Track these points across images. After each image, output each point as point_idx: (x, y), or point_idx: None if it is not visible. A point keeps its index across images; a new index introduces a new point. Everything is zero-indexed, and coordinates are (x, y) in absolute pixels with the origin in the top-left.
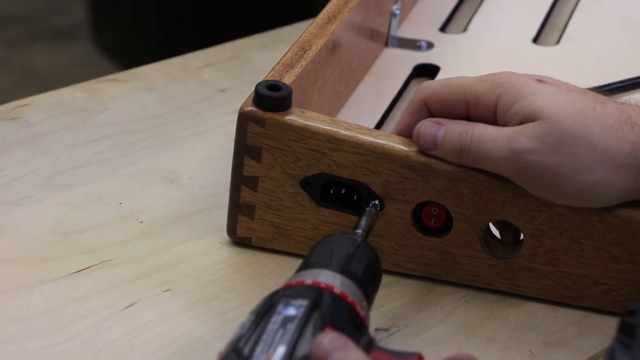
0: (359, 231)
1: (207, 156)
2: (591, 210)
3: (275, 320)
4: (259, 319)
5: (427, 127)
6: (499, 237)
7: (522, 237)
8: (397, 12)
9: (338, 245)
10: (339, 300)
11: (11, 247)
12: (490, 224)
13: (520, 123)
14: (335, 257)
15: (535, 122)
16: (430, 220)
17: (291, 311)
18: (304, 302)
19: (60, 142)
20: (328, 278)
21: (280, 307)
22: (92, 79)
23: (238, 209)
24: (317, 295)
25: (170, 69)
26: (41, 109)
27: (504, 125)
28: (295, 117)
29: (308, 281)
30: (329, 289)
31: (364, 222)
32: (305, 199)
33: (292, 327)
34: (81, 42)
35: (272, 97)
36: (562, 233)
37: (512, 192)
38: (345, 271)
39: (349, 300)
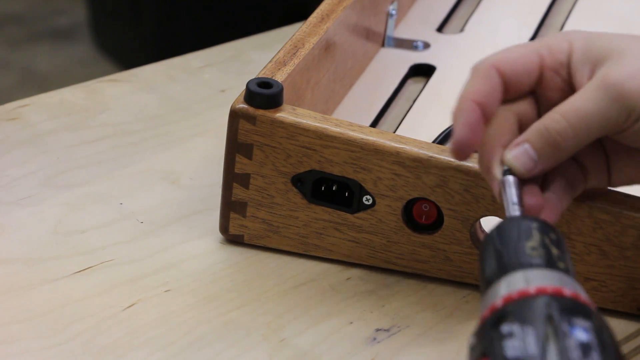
0: (517, 207)
1: (208, 156)
2: (581, 206)
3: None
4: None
5: (513, 155)
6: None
7: None
8: (394, 12)
9: (519, 235)
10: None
11: (11, 247)
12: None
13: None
14: (532, 251)
15: (617, 57)
16: (421, 217)
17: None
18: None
19: (61, 143)
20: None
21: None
22: (92, 79)
23: (230, 207)
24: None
25: (170, 69)
26: (41, 109)
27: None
28: (286, 114)
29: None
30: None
31: (515, 194)
32: (297, 196)
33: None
34: (81, 42)
35: (263, 94)
36: None
37: None
38: (550, 263)
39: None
